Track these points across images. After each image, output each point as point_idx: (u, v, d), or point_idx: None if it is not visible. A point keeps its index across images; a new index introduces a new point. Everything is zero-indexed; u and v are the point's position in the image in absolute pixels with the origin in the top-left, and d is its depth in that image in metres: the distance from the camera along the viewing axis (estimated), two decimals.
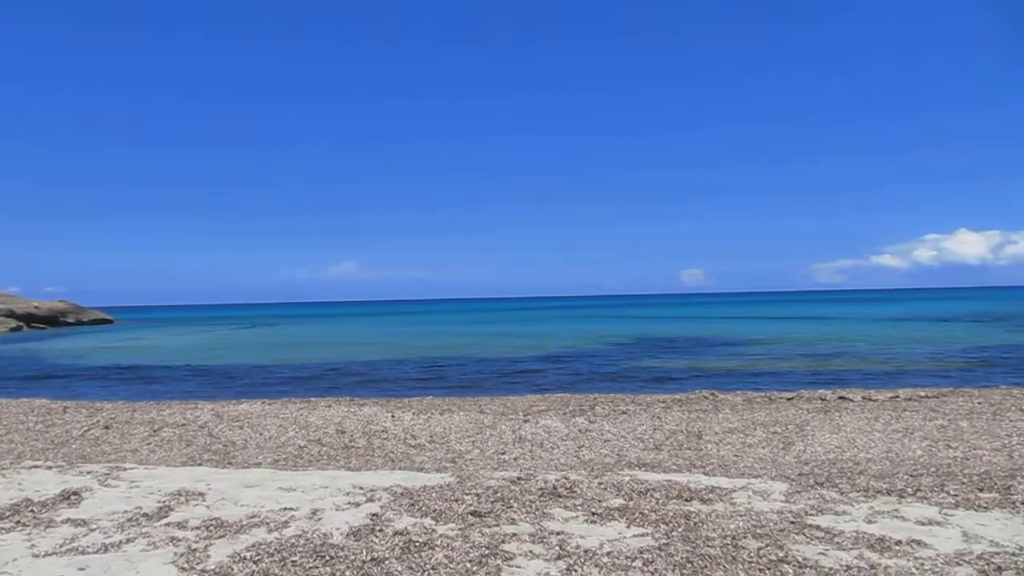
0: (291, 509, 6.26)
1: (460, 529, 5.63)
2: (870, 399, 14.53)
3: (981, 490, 6.82)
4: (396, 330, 63.39)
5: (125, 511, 6.27)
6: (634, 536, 5.43)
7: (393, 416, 13.16)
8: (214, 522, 5.90)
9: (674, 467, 8.52)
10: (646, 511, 6.07)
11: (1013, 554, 4.98)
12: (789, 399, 14.88)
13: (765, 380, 21.58)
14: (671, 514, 5.98)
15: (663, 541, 5.30)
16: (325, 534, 5.53)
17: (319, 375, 25.92)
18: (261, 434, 11.74)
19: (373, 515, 6.04)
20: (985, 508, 6.20)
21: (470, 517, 5.94)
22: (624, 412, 13.26)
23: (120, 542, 5.45)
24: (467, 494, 6.67)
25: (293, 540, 5.40)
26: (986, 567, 4.74)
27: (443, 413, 13.42)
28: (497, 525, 5.73)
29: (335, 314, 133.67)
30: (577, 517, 5.94)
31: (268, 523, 5.85)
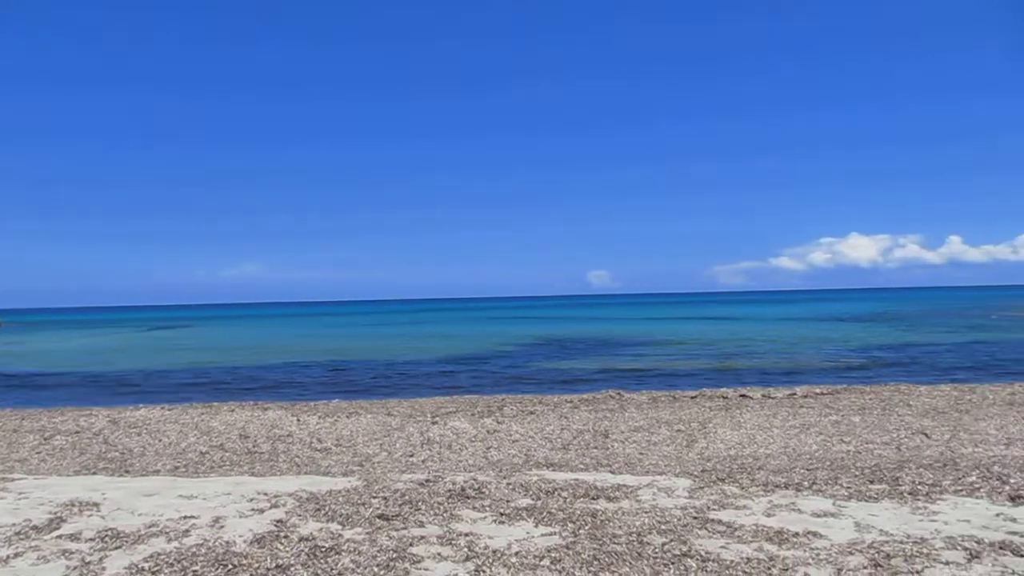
0: (192, 517, 6.07)
1: (367, 533, 5.57)
2: (769, 397, 15.01)
3: (872, 482, 7.12)
4: (302, 332, 62.32)
5: (13, 524, 5.97)
6: (542, 535, 5.47)
7: (299, 420, 12.93)
8: (110, 533, 5.68)
9: (581, 466, 8.61)
10: (554, 510, 6.12)
11: (901, 542, 5.20)
12: (693, 398, 15.23)
13: (670, 379, 22.05)
14: (578, 512, 6.05)
15: (570, 539, 5.35)
16: (228, 542, 5.39)
17: (222, 379, 25.27)
18: (160, 440, 11.38)
19: (278, 521, 5.91)
20: (875, 499, 6.47)
21: (377, 521, 5.89)
22: (532, 412, 13.36)
23: (7, 557, 5.20)
24: (374, 497, 6.60)
25: (194, 549, 5.25)
26: (876, 555, 4.95)
27: (350, 416, 13.26)
28: (405, 528, 5.69)
29: (238, 316, 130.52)
30: (486, 518, 5.95)
31: (167, 532, 5.67)
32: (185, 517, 6.08)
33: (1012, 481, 7.03)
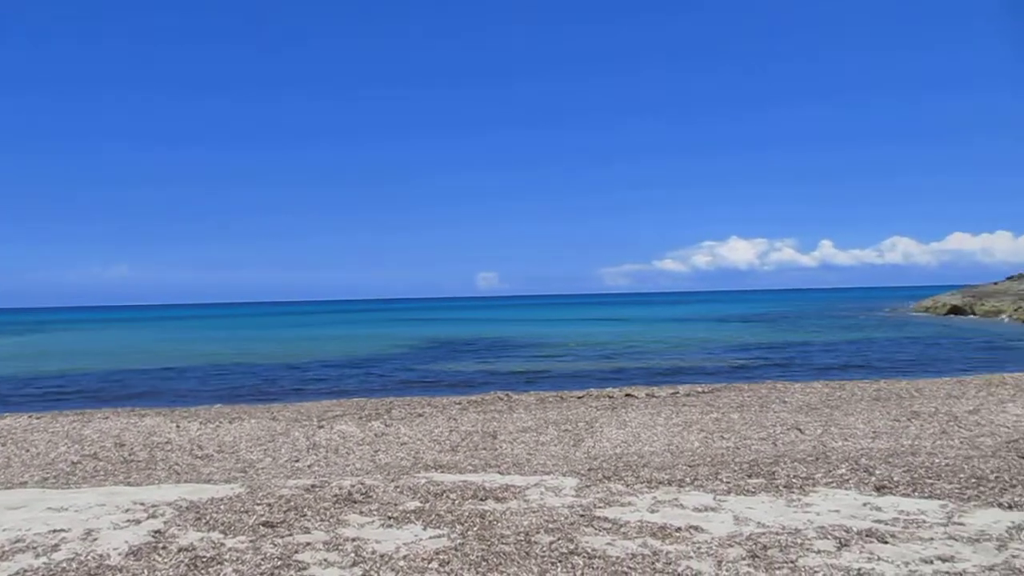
0: (62, 531, 5.77)
1: (251, 541, 5.42)
2: (653, 396, 15.39)
3: (750, 476, 7.39)
4: (180, 336, 60.14)
5: None
6: (430, 538, 5.45)
7: (178, 426, 12.49)
8: None
9: (470, 467, 8.62)
10: (442, 512, 6.11)
11: (776, 533, 5.42)
12: (580, 398, 15.47)
13: (558, 380, 22.33)
14: (467, 514, 6.05)
15: (459, 541, 5.35)
16: (101, 555, 5.15)
17: (94, 386, 24.14)
18: (27, 451, 10.79)
19: (155, 532, 5.69)
20: (753, 493, 6.71)
21: (261, 528, 5.74)
22: (421, 415, 13.29)
23: None
24: (258, 504, 6.44)
25: (64, 564, 4.99)
26: (754, 546, 5.14)
27: (232, 421, 12.89)
28: (290, 535, 5.56)
29: (110, 319, 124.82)
30: (373, 522, 5.88)
31: (35, 547, 5.37)
32: (55, 531, 5.77)
33: (878, 472, 7.41)
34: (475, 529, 5.63)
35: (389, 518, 5.98)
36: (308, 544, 5.33)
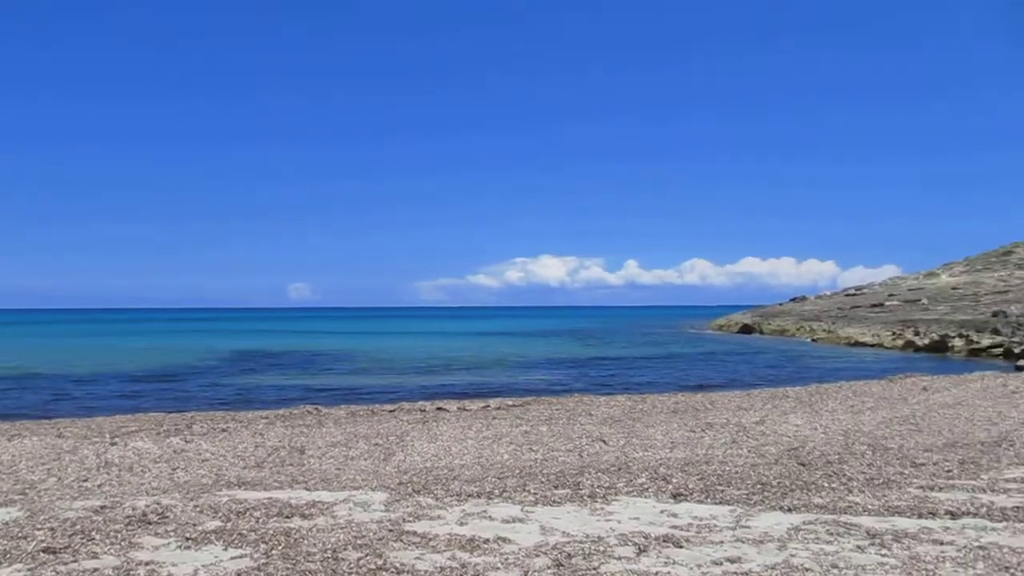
0: None
1: (29, 570, 4.98)
2: (465, 409, 15.51)
3: (556, 487, 7.58)
4: None
5: None
6: (231, 558, 5.21)
7: None
8: None
9: (276, 484, 8.34)
10: (245, 531, 5.86)
11: (580, 541, 5.58)
12: (391, 411, 15.36)
13: (370, 394, 22.06)
14: (271, 532, 5.84)
15: (262, 560, 5.15)
16: None
17: None
18: None
19: None
20: (559, 503, 6.89)
21: (42, 555, 5.29)
22: (224, 430, 12.75)
23: None
24: (38, 529, 5.93)
25: None
26: (559, 555, 5.26)
27: (11, 439, 11.85)
28: (75, 561, 5.16)
29: None
30: (169, 544, 5.56)
31: None
32: None
33: (674, 480, 7.81)
34: (280, 548, 5.45)
35: (187, 539, 5.67)
36: (96, 570, 4.96)
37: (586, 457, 10.14)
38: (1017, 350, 29.79)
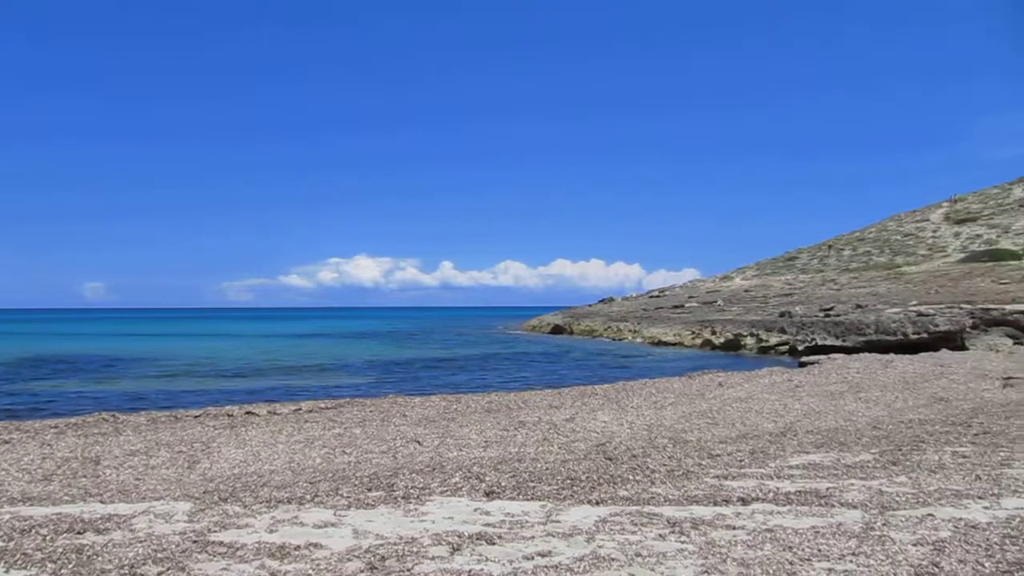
0: None
1: None
2: (275, 413, 15.04)
3: (370, 490, 7.50)
4: None
5: None
6: None
7: None
8: None
9: (67, 498, 7.76)
10: (30, 550, 5.41)
11: (394, 543, 5.54)
12: (196, 417, 14.66)
13: (173, 398, 21.00)
14: (61, 550, 5.43)
15: None
16: None
17: None
18: None
19: None
20: (373, 506, 6.82)
21: None
22: (7, 442, 11.72)
23: None
24: None
25: None
26: (372, 558, 5.21)
27: None
28: None
29: None
30: None
31: None
32: None
33: (488, 479, 7.92)
34: (70, 566, 5.07)
35: None
36: None
37: (400, 458, 10.09)
38: (801, 347, 32.33)
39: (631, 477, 7.99)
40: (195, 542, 5.63)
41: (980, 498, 6.75)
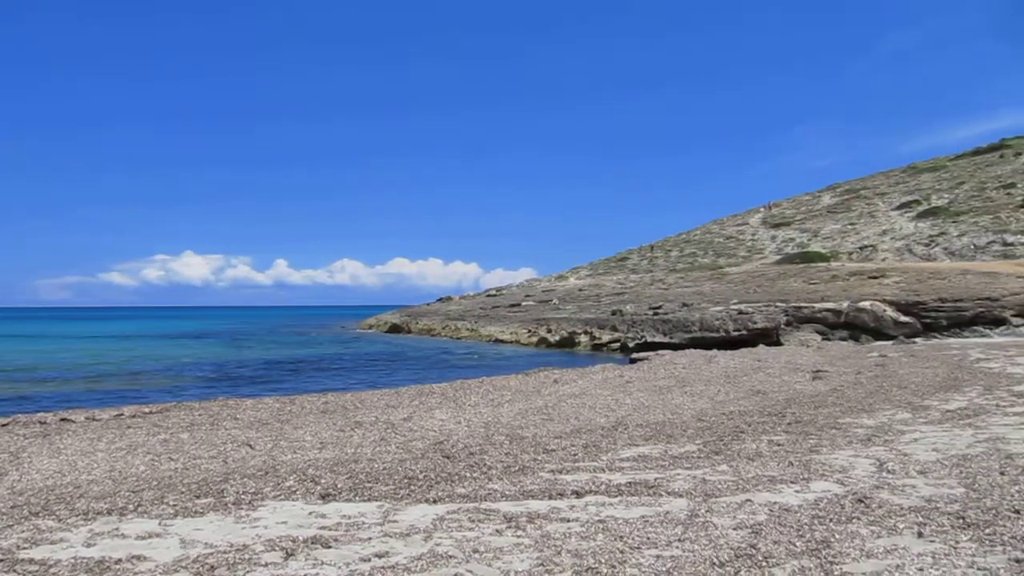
0: None
1: None
2: (94, 419, 14.17)
3: (198, 497, 7.20)
4: None
5: None
6: None
7: None
8: None
9: None
10: None
11: (224, 551, 5.34)
12: (4, 425, 13.60)
13: None
14: None
15: None
16: None
17: None
18: None
19: None
20: (202, 513, 6.55)
21: None
22: None
23: None
24: None
25: None
26: (201, 568, 5.00)
27: None
28: None
29: None
30: None
31: None
32: None
33: (323, 481, 7.77)
34: None
35: None
36: None
37: (231, 463, 9.73)
38: (631, 344, 33.56)
39: (469, 474, 8.05)
40: (1, 560, 5.22)
41: (792, 483, 7.24)
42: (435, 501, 6.87)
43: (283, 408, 15.25)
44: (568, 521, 6.06)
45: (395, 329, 61.23)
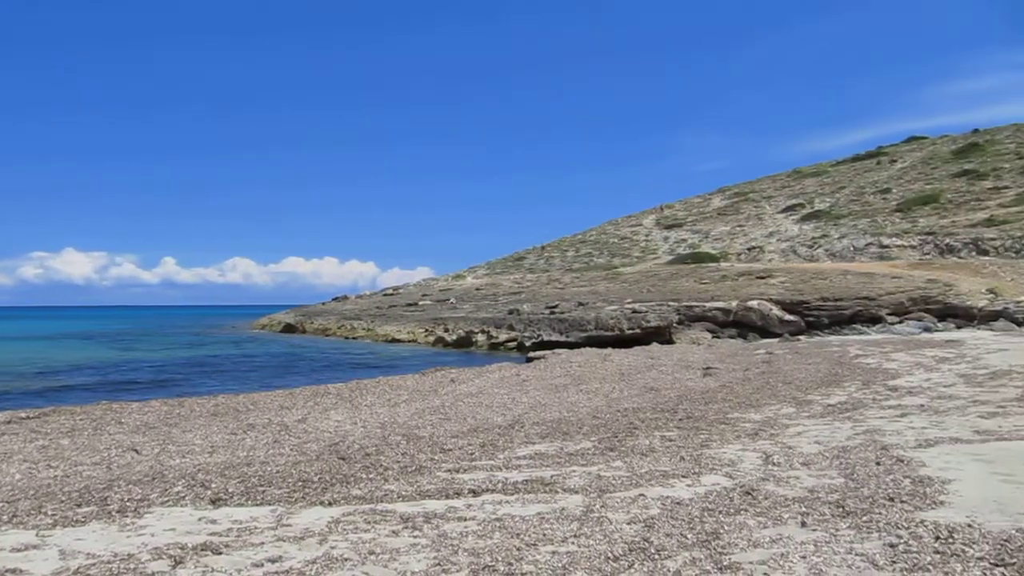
0: None
1: None
2: None
3: (80, 505, 6.90)
4: None
5: None
6: None
7: None
8: None
9: None
10: None
11: (108, 561, 5.14)
12: None
13: None
14: None
15: None
16: None
17: None
18: None
19: None
20: (83, 522, 6.28)
21: None
22: None
23: None
24: None
25: None
26: None
27: None
28: None
29: None
30: None
31: None
32: None
33: (214, 486, 7.56)
34: None
35: None
36: None
37: (115, 469, 9.36)
38: (528, 343, 33.82)
39: (364, 476, 7.97)
40: None
41: (684, 477, 7.45)
42: (330, 503, 6.77)
43: (171, 411, 14.75)
44: (465, 520, 6.07)
45: (289, 329, 60.01)
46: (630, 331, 31.62)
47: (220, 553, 5.32)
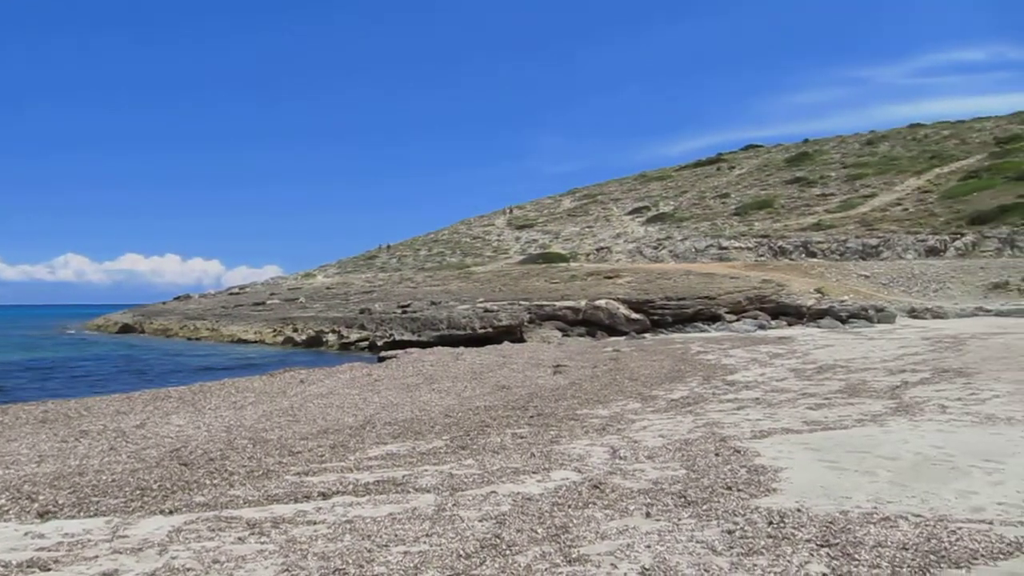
0: None
1: None
2: None
3: None
4: None
5: None
6: None
7: None
8: None
9: None
10: None
11: None
12: None
13: None
14: None
15: None
16: None
17: None
18: None
19: None
20: None
21: None
22: None
23: None
24: None
25: None
26: None
27: None
28: None
29: None
30: None
31: None
32: None
33: (41, 498, 7.10)
34: None
35: None
36: None
37: None
38: (380, 343, 33.50)
39: (208, 481, 7.68)
40: None
41: (534, 473, 7.58)
42: (171, 512, 6.49)
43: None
44: (315, 524, 5.95)
45: (127, 329, 57.01)
46: (482, 330, 31.85)
47: (49, 569, 5.01)
